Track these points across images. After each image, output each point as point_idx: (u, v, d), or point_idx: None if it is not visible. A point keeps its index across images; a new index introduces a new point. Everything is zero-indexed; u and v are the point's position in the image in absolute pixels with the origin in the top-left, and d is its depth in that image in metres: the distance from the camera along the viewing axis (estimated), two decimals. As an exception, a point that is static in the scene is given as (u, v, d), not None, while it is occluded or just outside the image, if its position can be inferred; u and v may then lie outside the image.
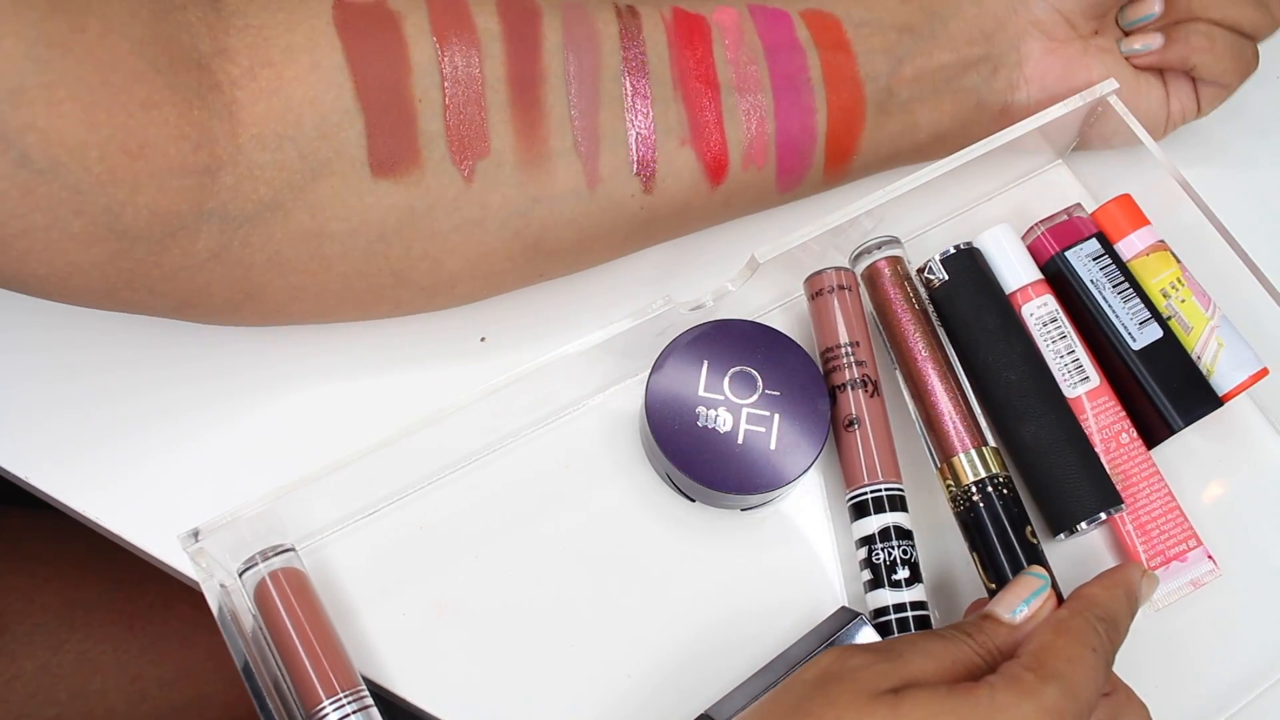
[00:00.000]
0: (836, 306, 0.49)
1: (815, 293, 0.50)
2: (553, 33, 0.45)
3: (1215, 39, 0.52)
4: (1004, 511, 0.46)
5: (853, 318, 0.49)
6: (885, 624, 0.46)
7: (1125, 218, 0.52)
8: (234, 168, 0.40)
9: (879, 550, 0.46)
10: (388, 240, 0.44)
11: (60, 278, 0.40)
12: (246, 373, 0.50)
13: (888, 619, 0.46)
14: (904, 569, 0.46)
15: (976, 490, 0.46)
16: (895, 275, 0.50)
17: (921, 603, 0.46)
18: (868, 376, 0.48)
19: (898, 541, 0.46)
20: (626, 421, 0.51)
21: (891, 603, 0.46)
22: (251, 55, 0.41)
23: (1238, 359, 0.50)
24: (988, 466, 0.47)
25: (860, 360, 0.48)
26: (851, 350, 0.48)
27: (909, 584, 0.46)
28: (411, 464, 0.48)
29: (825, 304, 0.49)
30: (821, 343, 0.49)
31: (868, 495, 0.47)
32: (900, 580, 0.46)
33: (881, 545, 0.46)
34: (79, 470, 0.48)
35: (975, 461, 0.47)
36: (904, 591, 0.46)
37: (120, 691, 0.64)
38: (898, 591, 0.46)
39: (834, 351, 0.49)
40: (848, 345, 0.49)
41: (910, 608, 0.46)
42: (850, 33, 0.50)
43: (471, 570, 0.48)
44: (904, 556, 0.46)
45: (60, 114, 0.36)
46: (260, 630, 0.44)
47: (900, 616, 0.46)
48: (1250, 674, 0.49)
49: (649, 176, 0.47)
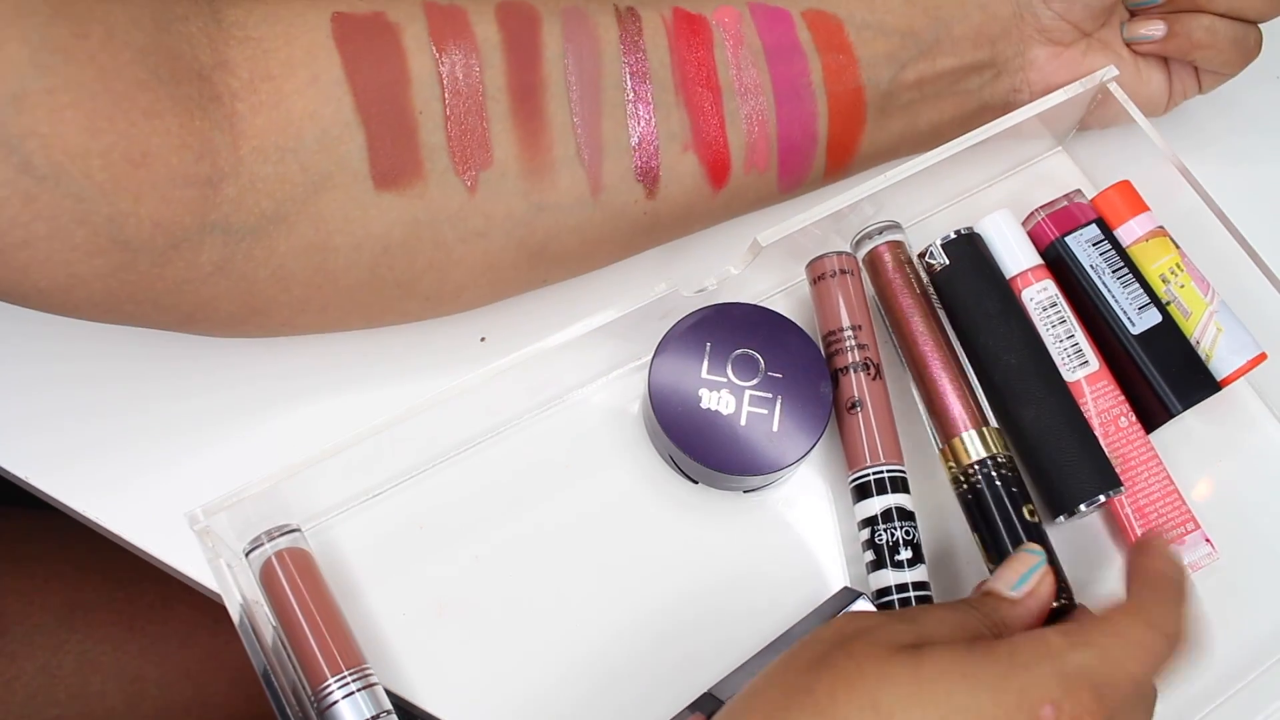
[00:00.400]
0: (838, 290, 0.50)
1: (817, 277, 0.50)
2: (553, 40, 0.45)
3: (1218, 33, 0.52)
4: (1004, 491, 0.46)
5: (854, 301, 0.49)
6: (888, 604, 0.46)
7: (1125, 204, 0.52)
8: (236, 179, 0.40)
9: (881, 531, 0.46)
10: (392, 253, 0.44)
11: (62, 290, 0.39)
12: (246, 373, 0.50)
13: (890, 599, 0.46)
14: (906, 550, 0.46)
15: (978, 470, 0.47)
16: (896, 260, 0.50)
17: (924, 583, 0.46)
18: (870, 360, 0.48)
19: (900, 523, 0.47)
20: (630, 406, 0.51)
21: (894, 583, 0.46)
22: (251, 68, 0.41)
23: (1236, 344, 0.50)
24: (989, 446, 0.47)
25: (862, 344, 0.49)
26: (854, 334, 0.49)
27: (911, 564, 0.46)
28: (414, 449, 0.48)
29: (827, 288, 0.50)
30: (823, 326, 0.50)
31: (870, 477, 0.47)
32: (903, 561, 0.46)
33: (884, 526, 0.47)
34: (79, 471, 0.48)
35: (976, 442, 0.47)
36: (906, 572, 0.46)
37: (120, 692, 0.64)
38: (900, 572, 0.46)
39: (836, 335, 0.49)
40: (850, 329, 0.49)
41: (912, 588, 0.46)
42: (852, 36, 0.50)
43: (476, 553, 0.48)
44: (906, 537, 0.46)
45: (62, 120, 0.36)
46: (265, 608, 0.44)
47: (903, 596, 0.46)
48: (1247, 657, 0.49)
49: (652, 182, 0.47)
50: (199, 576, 0.47)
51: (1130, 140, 0.53)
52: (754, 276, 0.50)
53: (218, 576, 0.42)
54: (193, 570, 0.47)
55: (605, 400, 0.51)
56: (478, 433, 0.49)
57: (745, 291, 0.50)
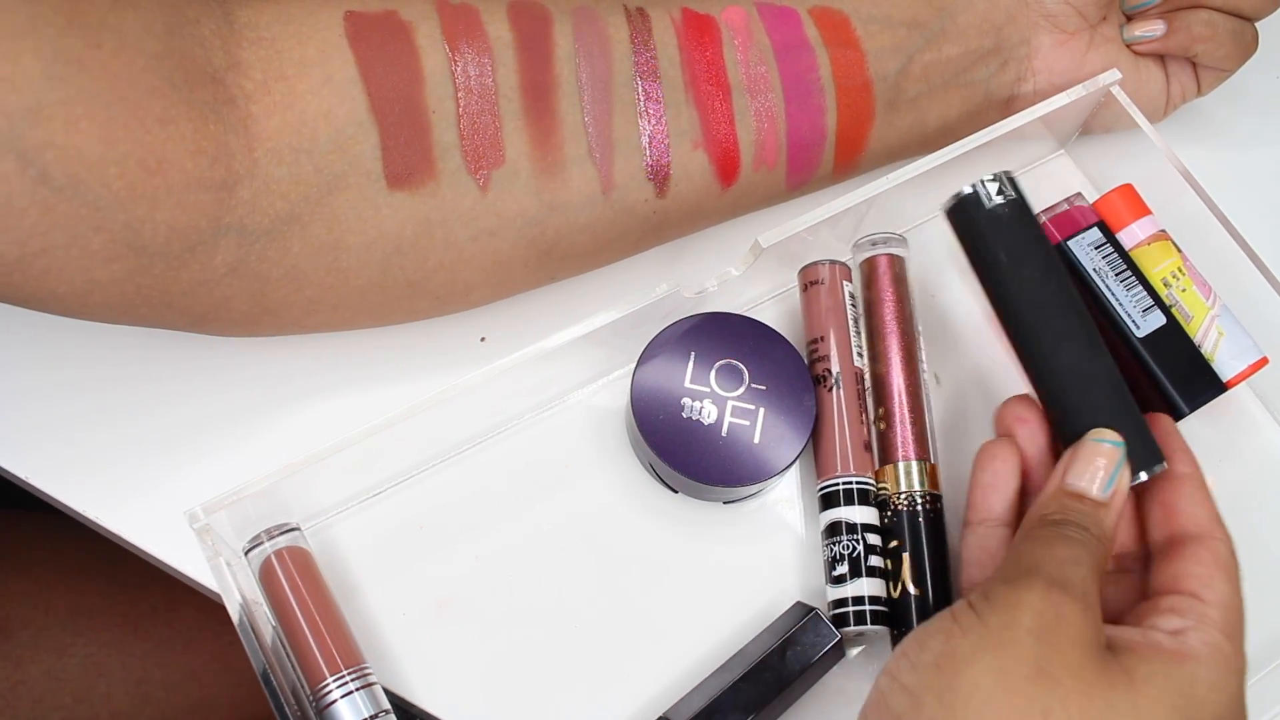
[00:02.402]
0: (816, 300, 0.50)
1: (808, 283, 0.50)
2: (564, 39, 0.45)
3: (1217, 26, 0.52)
4: (924, 525, 0.46)
5: (824, 312, 0.50)
6: (843, 616, 0.46)
7: (1127, 207, 0.52)
8: (251, 182, 0.40)
9: (825, 546, 0.47)
10: (404, 252, 0.44)
11: (79, 295, 0.40)
12: (247, 375, 0.50)
13: (846, 611, 0.46)
14: (842, 565, 0.46)
15: (904, 499, 0.47)
16: (891, 274, 0.50)
17: (862, 598, 0.46)
18: (828, 371, 0.49)
19: (842, 537, 0.47)
20: (614, 412, 0.51)
21: (831, 599, 0.46)
22: (265, 69, 0.41)
23: (1237, 348, 0.50)
24: (921, 482, 0.47)
25: (821, 355, 0.49)
26: (818, 345, 0.49)
27: (850, 579, 0.46)
28: (414, 448, 0.48)
29: (812, 295, 0.50)
30: (806, 334, 0.50)
31: (822, 490, 0.48)
32: (841, 575, 0.46)
33: (826, 541, 0.47)
34: (82, 474, 0.48)
35: (913, 473, 0.47)
36: (845, 587, 0.46)
37: (125, 695, 0.64)
38: (838, 587, 0.46)
39: (813, 344, 0.49)
40: (816, 340, 0.49)
41: (851, 603, 0.46)
42: (859, 30, 0.50)
43: (476, 552, 0.48)
44: (845, 551, 0.46)
45: (79, 131, 0.36)
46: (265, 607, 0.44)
47: (839, 612, 0.46)
48: (1250, 659, 0.49)
49: (663, 181, 0.47)
50: (200, 577, 0.47)
51: (1132, 143, 0.53)
52: (747, 285, 0.50)
53: (217, 575, 0.42)
54: (194, 571, 0.47)
55: (606, 401, 0.51)
56: (478, 433, 0.49)
57: (746, 293, 0.50)
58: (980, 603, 0.36)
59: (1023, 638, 0.35)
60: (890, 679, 0.36)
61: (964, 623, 0.36)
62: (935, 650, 0.36)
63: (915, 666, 0.36)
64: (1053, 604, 0.36)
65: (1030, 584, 0.36)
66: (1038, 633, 0.35)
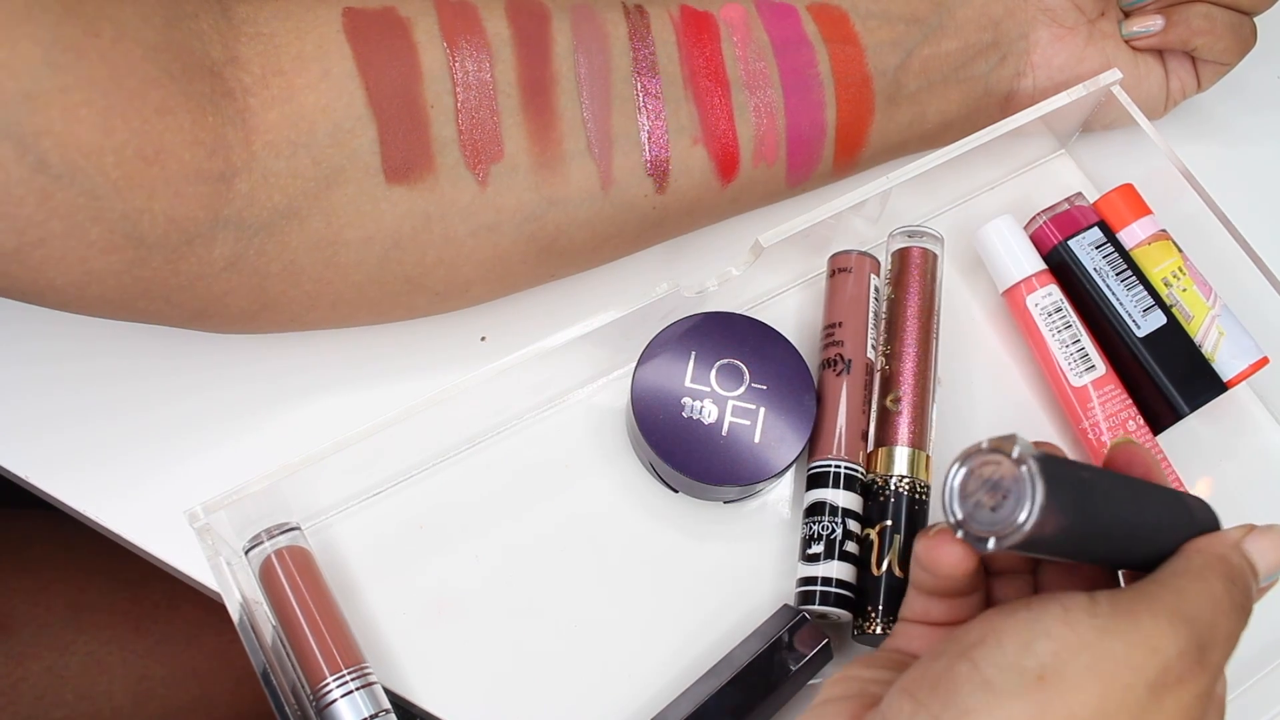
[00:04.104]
0: (842, 287, 0.50)
1: (836, 269, 0.50)
2: (562, 35, 0.45)
3: (1215, 19, 0.52)
4: (906, 510, 0.46)
5: (847, 300, 0.50)
6: (810, 594, 0.46)
7: (1127, 207, 0.52)
8: (249, 174, 0.40)
9: (805, 524, 0.47)
10: (403, 247, 0.44)
11: (78, 287, 0.40)
12: (247, 373, 0.50)
13: (814, 590, 0.46)
14: (818, 544, 0.46)
15: (893, 483, 0.47)
16: (923, 268, 0.50)
17: (831, 579, 0.46)
18: (840, 355, 0.49)
19: (822, 517, 0.47)
20: (615, 412, 0.51)
21: (801, 575, 0.47)
22: (263, 63, 0.41)
23: (1238, 348, 0.50)
24: (922, 470, 0.47)
25: (838, 340, 0.49)
26: (835, 330, 0.50)
27: (823, 559, 0.46)
28: (414, 448, 0.48)
29: (842, 282, 0.50)
30: (828, 317, 0.50)
31: (812, 470, 0.48)
32: (816, 555, 0.46)
33: (806, 520, 0.47)
34: (82, 472, 0.48)
35: (903, 459, 0.47)
36: (817, 566, 0.46)
37: (127, 692, 0.64)
38: (810, 566, 0.46)
39: (828, 329, 0.50)
40: (834, 325, 0.50)
41: (820, 583, 0.46)
42: (858, 26, 0.50)
43: (476, 552, 0.48)
44: (823, 531, 0.46)
45: (76, 118, 0.36)
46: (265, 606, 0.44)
47: (807, 590, 0.46)
48: (1249, 661, 0.49)
49: (662, 176, 0.47)
50: (201, 577, 0.47)
51: (1133, 143, 0.53)
52: (756, 278, 0.49)
53: (217, 574, 0.42)
54: (195, 570, 0.47)
55: (606, 400, 0.51)
56: (478, 432, 0.49)
57: (747, 293, 0.50)
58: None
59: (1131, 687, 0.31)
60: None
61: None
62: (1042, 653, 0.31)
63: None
64: (1169, 666, 0.32)
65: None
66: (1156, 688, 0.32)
